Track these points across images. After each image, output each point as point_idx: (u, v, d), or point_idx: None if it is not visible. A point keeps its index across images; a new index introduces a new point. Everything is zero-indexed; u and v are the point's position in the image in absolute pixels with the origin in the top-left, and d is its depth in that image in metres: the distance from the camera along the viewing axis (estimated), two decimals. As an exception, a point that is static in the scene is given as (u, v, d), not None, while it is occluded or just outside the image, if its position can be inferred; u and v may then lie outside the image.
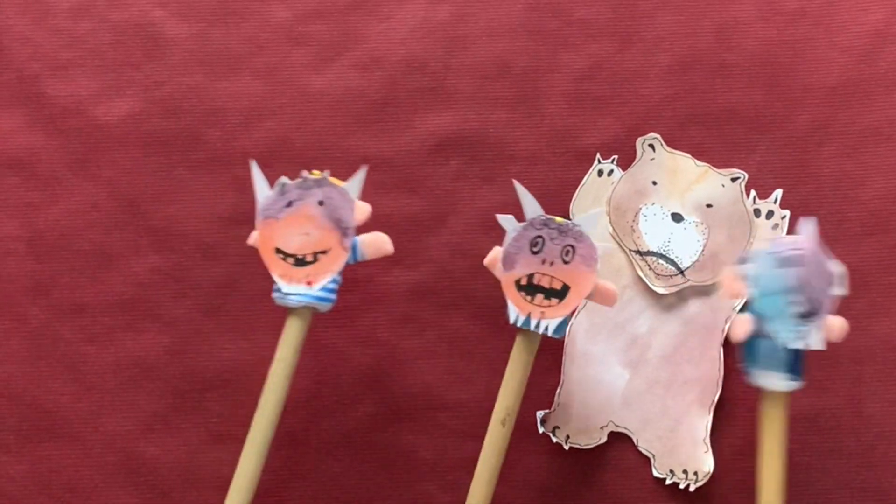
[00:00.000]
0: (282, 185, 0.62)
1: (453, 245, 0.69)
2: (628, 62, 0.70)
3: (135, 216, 0.70)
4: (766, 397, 0.60)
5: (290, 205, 0.62)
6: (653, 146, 0.69)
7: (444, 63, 0.71)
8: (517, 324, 0.61)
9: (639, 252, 0.68)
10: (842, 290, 0.59)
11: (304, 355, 0.69)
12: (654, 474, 0.67)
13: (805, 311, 0.58)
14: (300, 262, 0.61)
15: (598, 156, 0.69)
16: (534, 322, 0.60)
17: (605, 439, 0.68)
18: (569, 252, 0.60)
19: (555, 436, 0.68)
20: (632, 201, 0.69)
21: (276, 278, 0.61)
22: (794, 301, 0.58)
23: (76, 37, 0.71)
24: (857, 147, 0.69)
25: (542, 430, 0.68)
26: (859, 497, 0.67)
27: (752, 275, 0.59)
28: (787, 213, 0.67)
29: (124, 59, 0.71)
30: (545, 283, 0.60)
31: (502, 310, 0.69)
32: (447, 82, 0.70)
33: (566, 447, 0.68)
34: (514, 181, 0.61)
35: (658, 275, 0.68)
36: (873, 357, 0.68)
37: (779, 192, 0.68)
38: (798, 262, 0.59)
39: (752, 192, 0.68)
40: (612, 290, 0.61)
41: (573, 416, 0.68)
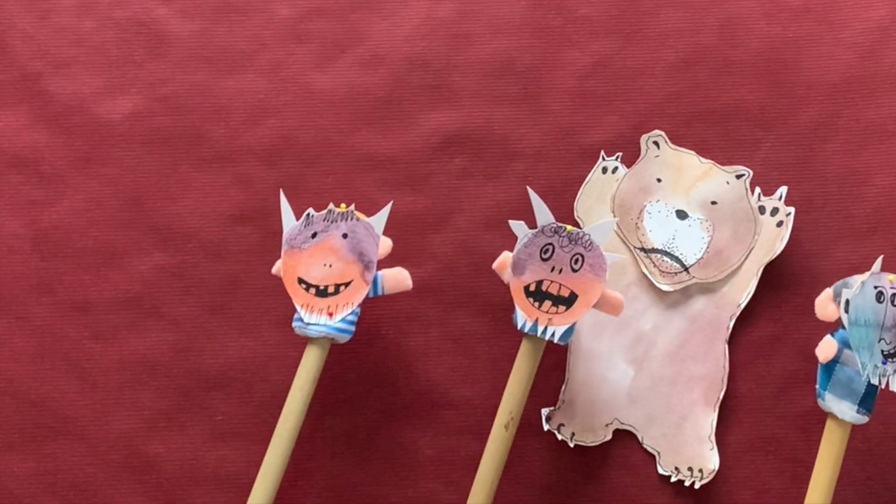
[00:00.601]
0: (308, 216, 0.63)
1: (458, 243, 0.69)
2: (632, 59, 0.70)
3: (139, 214, 0.70)
4: (831, 424, 0.60)
5: (314, 236, 0.63)
6: (657, 143, 0.69)
7: (448, 60, 0.71)
8: (524, 329, 0.61)
9: (643, 249, 0.68)
10: None
11: (309, 353, 0.69)
12: (659, 471, 0.67)
13: (892, 351, 0.59)
14: (322, 292, 0.62)
15: (603, 153, 0.69)
16: (541, 328, 0.61)
17: (609, 436, 0.68)
18: (578, 260, 0.60)
19: (560, 433, 0.68)
20: (636, 198, 0.69)
21: (298, 308, 0.62)
22: (886, 338, 0.59)
23: (79, 35, 0.71)
24: (861, 144, 0.69)
25: (547, 427, 0.68)
26: (866, 493, 0.67)
27: (850, 301, 0.59)
28: (791, 209, 0.67)
29: (128, 57, 0.71)
30: (554, 291, 0.61)
31: (507, 308, 0.69)
32: (451, 80, 0.70)
33: (571, 444, 0.68)
34: (528, 188, 0.61)
35: (663, 272, 0.68)
36: (878, 354, 0.68)
37: (783, 189, 0.68)
38: (895, 301, 0.60)
39: (757, 189, 0.68)
40: (618, 300, 0.61)
41: (578, 413, 0.68)
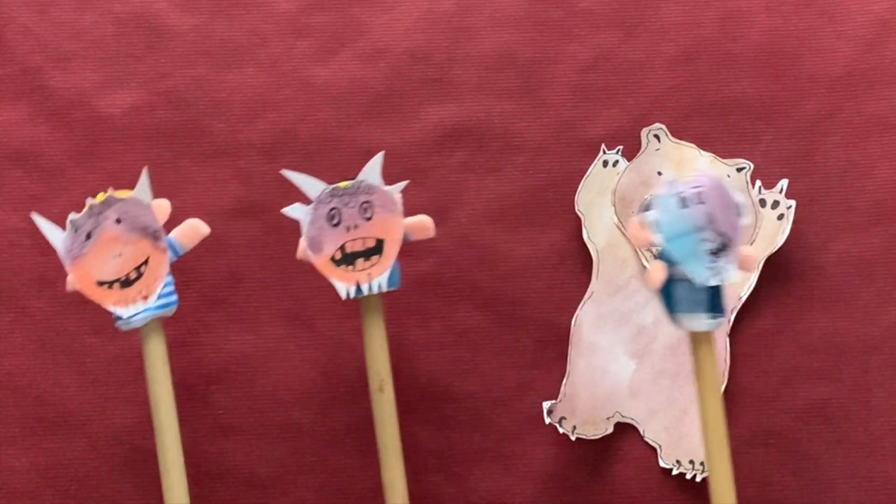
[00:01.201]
0: (72, 222, 0.60)
1: (459, 236, 0.69)
2: (633, 52, 0.70)
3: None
4: (694, 339, 0.59)
5: (89, 237, 0.60)
6: (658, 137, 0.69)
7: (449, 54, 0.70)
8: (351, 297, 0.60)
9: (644, 242, 0.68)
10: (749, 219, 0.58)
11: (310, 348, 0.69)
12: (661, 465, 0.67)
13: (717, 247, 0.57)
14: (126, 283, 0.60)
15: (603, 146, 0.69)
16: (365, 287, 0.60)
17: (611, 430, 0.68)
18: (367, 208, 0.60)
19: (561, 426, 0.68)
20: (637, 192, 0.68)
21: (112, 308, 0.60)
22: (704, 238, 0.57)
23: (79, 29, 0.71)
24: (862, 136, 0.69)
25: (548, 420, 0.68)
26: (866, 487, 0.67)
27: (657, 220, 0.58)
28: (792, 202, 0.67)
29: (127, 51, 0.71)
30: (359, 247, 0.60)
31: (509, 301, 0.69)
32: (452, 73, 0.70)
33: (573, 438, 0.68)
34: (284, 171, 0.60)
35: (664, 265, 0.67)
36: (881, 347, 0.68)
37: (784, 182, 0.68)
38: (701, 199, 0.57)
39: (758, 182, 0.68)
40: (425, 221, 0.60)
41: (579, 406, 0.68)
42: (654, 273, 0.58)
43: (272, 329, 0.69)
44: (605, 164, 0.69)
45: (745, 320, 0.68)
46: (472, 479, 0.68)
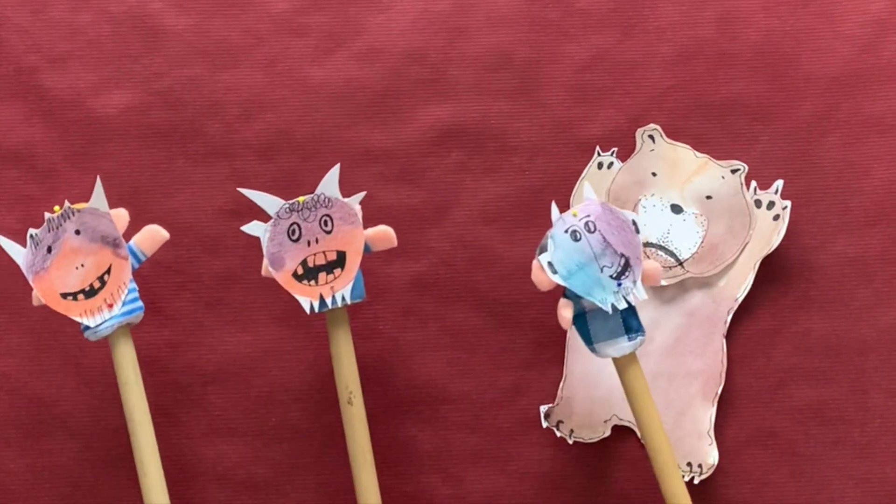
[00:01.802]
0: (32, 237, 0.61)
1: (455, 237, 0.69)
2: (630, 53, 0.70)
3: (134, 209, 0.69)
4: (621, 366, 0.60)
5: (50, 250, 0.61)
6: (652, 137, 0.68)
7: (445, 54, 0.70)
8: (316, 311, 0.60)
9: (640, 243, 0.68)
10: (642, 235, 0.60)
11: (306, 349, 0.69)
12: (658, 466, 0.67)
13: (619, 269, 0.59)
14: (90, 293, 0.61)
15: (598, 149, 0.69)
16: (329, 300, 0.60)
17: (608, 433, 0.68)
18: (327, 221, 0.60)
19: (559, 430, 0.68)
20: (631, 192, 0.68)
21: (79, 319, 0.61)
22: (605, 265, 0.59)
23: (74, 28, 0.70)
24: (859, 137, 0.69)
25: (545, 424, 0.68)
26: (863, 487, 0.67)
27: (554, 260, 0.59)
28: (788, 203, 0.67)
29: (123, 51, 0.70)
30: (321, 261, 0.60)
31: (505, 302, 0.69)
32: (448, 73, 0.70)
33: (570, 441, 0.67)
34: (240, 189, 0.61)
35: (659, 266, 0.67)
36: (877, 348, 0.68)
37: (779, 183, 0.67)
38: (590, 228, 0.59)
39: (753, 183, 0.68)
40: (387, 232, 0.61)
41: (577, 410, 0.68)
42: (562, 311, 0.59)
43: (268, 330, 0.69)
44: (600, 165, 0.69)
45: (742, 321, 0.68)
46: (468, 481, 0.68)
